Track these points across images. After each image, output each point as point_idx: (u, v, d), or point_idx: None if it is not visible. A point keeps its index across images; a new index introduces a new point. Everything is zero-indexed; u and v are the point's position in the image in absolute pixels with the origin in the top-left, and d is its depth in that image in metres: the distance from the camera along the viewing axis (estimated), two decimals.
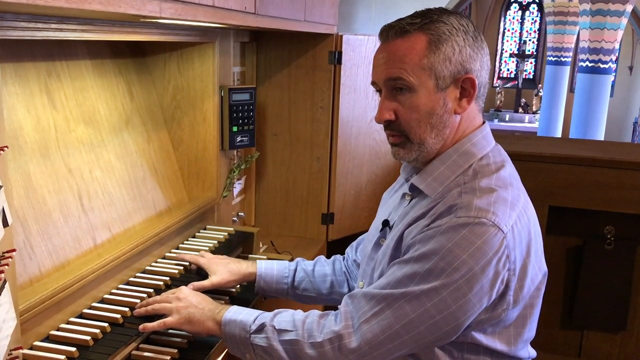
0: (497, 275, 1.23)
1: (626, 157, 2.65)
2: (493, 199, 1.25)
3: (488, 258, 1.20)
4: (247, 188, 2.60)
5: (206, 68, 2.11)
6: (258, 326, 1.38)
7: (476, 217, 1.22)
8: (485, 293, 1.23)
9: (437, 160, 1.36)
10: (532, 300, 1.35)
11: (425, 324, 1.24)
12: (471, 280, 1.21)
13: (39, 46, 1.60)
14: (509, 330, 1.34)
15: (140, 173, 1.96)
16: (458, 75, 1.30)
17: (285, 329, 1.35)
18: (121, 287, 1.68)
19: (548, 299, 2.88)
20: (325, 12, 2.33)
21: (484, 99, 1.39)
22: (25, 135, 1.52)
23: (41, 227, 1.49)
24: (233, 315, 1.42)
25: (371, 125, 2.61)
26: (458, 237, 1.21)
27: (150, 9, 1.23)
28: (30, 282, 1.42)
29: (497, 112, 15.34)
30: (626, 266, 2.74)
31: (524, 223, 1.28)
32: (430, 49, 1.28)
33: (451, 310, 1.22)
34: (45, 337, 1.40)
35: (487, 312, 1.27)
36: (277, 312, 1.41)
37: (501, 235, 1.22)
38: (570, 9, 11.81)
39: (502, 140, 1.54)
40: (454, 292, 1.21)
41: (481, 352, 1.33)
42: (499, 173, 1.32)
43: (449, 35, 1.29)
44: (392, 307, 1.26)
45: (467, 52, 1.30)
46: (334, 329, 1.31)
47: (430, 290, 1.23)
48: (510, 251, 1.23)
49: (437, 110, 1.31)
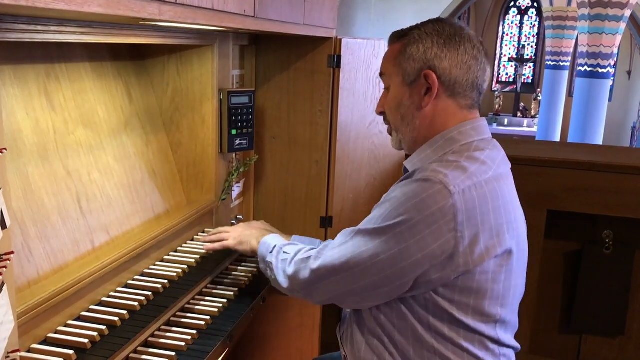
0: (440, 231, 1.33)
1: (625, 161, 2.65)
2: (453, 166, 1.39)
3: (431, 211, 1.32)
4: (246, 191, 2.59)
5: (205, 71, 2.12)
6: (273, 247, 1.71)
7: (428, 176, 1.36)
8: (427, 245, 1.33)
9: (426, 145, 1.51)
10: (495, 276, 1.40)
11: (372, 260, 1.40)
12: (413, 228, 1.33)
13: (38, 48, 1.60)
14: (469, 301, 1.41)
15: (139, 176, 1.96)
16: (421, 72, 1.46)
17: (286, 251, 1.66)
18: (119, 290, 1.68)
19: (546, 304, 2.90)
20: (325, 16, 2.33)
21: (466, 96, 1.48)
22: (24, 137, 1.51)
23: (39, 229, 1.49)
24: (266, 239, 1.78)
25: (370, 129, 2.61)
26: (408, 189, 1.37)
27: (149, 11, 1.23)
28: (28, 284, 1.42)
29: (496, 117, 15.35)
30: (625, 271, 2.74)
31: (482, 193, 1.37)
32: (401, 51, 1.50)
33: (393, 252, 1.36)
34: (43, 340, 1.40)
35: (437, 271, 1.36)
36: (293, 242, 1.77)
37: (447, 193, 1.33)
38: (568, 14, 11.84)
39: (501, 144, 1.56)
40: (397, 235, 1.35)
41: (445, 319, 1.42)
42: (474, 153, 1.44)
43: (418, 39, 1.47)
44: (352, 240, 1.46)
45: (433, 52, 1.45)
46: (311, 253, 1.56)
47: (379, 229, 1.39)
48: (458, 212, 1.33)
49: (404, 101, 1.50)
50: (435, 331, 1.43)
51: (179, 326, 1.62)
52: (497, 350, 1.47)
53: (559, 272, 2.87)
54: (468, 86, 1.47)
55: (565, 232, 2.82)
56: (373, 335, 1.51)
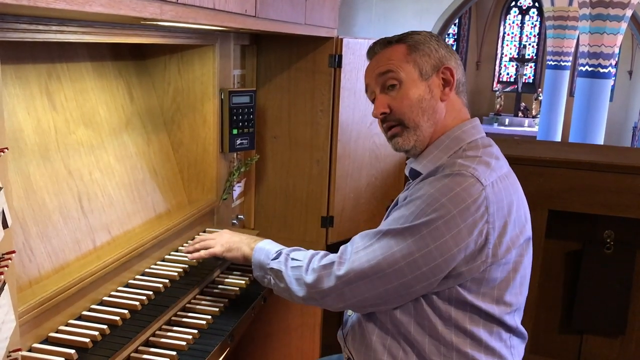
0: (474, 224, 1.34)
1: (626, 161, 2.65)
2: (477, 160, 1.42)
3: (466, 204, 1.33)
4: (247, 191, 2.60)
5: (206, 71, 2.12)
6: (277, 253, 1.64)
7: (458, 170, 1.38)
8: (463, 239, 1.34)
9: (432, 146, 1.52)
10: (516, 266, 1.45)
11: (406, 259, 1.37)
12: (449, 222, 1.33)
13: (39, 48, 1.61)
14: (493, 292, 1.43)
15: (140, 175, 1.96)
16: (438, 67, 1.51)
17: (296, 258, 1.59)
18: (120, 289, 1.68)
19: (547, 303, 2.90)
20: (326, 16, 2.33)
21: (465, 95, 1.58)
22: (25, 137, 1.52)
23: (41, 228, 1.49)
24: (263, 245, 1.70)
25: (371, 129, 2.61)
26: (440, 185, 1.37)
27: (151, 11, 1.24)
28: (30, 283, 1.42)
29: (497, 116, 15.34)
30: (625, 271, 2.73)
31: (505, 185, 1.41)
32: (411, 50, 1.52)
33: (429, 249, 1.35)
34: (44, 339, 1.40)
35: (467, 263, 1.37)
36: (296, 248, 1.67)
37: (480, 186, 1.35)
38: (570, 14, 11.82)
39: (502, 144, 1.59)
40: (433, 231, 1.34)
41: (467, 310, 1.43)
42: (486, 148, 1.49)
43: (424, 41, 1.53)
44: (379, 241, 1.42)
45: (442, 53, 1.53)
46: (332, 258, 1.51)
47: (412, 227, 1.37)
48: (490, 204, 1.35)
49: (425, 95, 1.50)
50: (455, 325, 1.43)
51: (180, 325, 1.62)
52: (509, 342, 1.51)
53: (560, 271, 2.87)
54: (465, 87, 1.59)
55: (566, 232, 2.82)
56: (386, 334, 1.49)
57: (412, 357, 1.46)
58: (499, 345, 1.47)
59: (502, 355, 1.48)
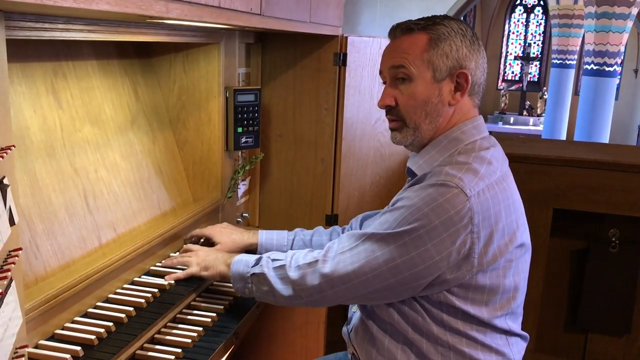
0: (457, 234, 1.34)
1: (631, 160, 2.64)
2: (465, 169, 1.39)
3: (449, 215, 1.33)
4: (252, 189, 2.60)
5: (211, 69, 2.12)
6: (257, 259, 1.62)
7: (443, 180, 1.37)
8: (445, 247, 1.34)
9: (430, 146, 1.51)
10: (505, 272, 1.44)
11: (388, 264, 1.39)
12: (431, 232, 1.34)
13: (45, 46, 1.61)
14: (482, 298, 1.43)
15: (145, 173, 1.97)
16: (453, 70, 1.46)
17: (277, 258, 1.59)
18: (126, 287, 1.68)
19: (552, 302, 2.89)
20: (331, 14, 2.33)
21: (479, 97, 1.54)
22: (31, 134, 1.52)
23: (47, 226, 1.50)
24: (240, 257, 1.67)
25: (376, 127, 2.61)
26: (424, 194, 1.37)
27: (157, 9, 1.24)
28: (36, 281, 1.43)
29: (502, 115, 15.31)
30: (631, 269, 2.73)
31: (493, 194, 1.39)
32: (430, 45, 1.45)
33: (411, 255, 1.36)
34: (50, 336, 1.41)
35: (453, 271, 1.37)
36: (275, 252, 1.67)
37: (464, 197, 1.34)
38: (575, 12, 11.79)
39: (507, 142, 1.58)
40: (415, 239, 1.35)
41: (459, 316, 1.44)
42: (480, 153, 1.45)
43: (448, 35, 1.45)
44: (364, 244, 1.44)
45: (464, 52, 1.46)
46: (316, 256, 1.52)
47: (394, 234, 1.38)
48: (474, 214, 1.35)
49: (432, 99, 1.47)
50: (449, 327, 1.44)
51: (185, 323, 1.62)
52: (507, 339, 1.51)
53: (565, 270, 2.86)
54: (482, 87, 1.54)
55: (571, 231, 2.82)
56: (386, 332, 1.52)
57: (411, 355, 1.48)
58: (496, 342, 1.48)
59: (500, 352, 1.49)
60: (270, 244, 1.94)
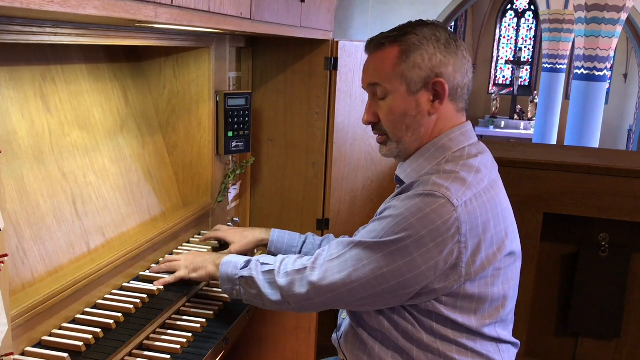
0: (444, 244, 1.33)
1: (621, 164, 2.65)
2: (452, 178, 1.39)
3: (436, 225, 1.33)
4: (243, 193, 2.59)
5: (202, 73, 2.11)
6: (246, 262, 1.62)
7: (430, 190, 1.36)
8: (432, 257, 1.34)
9: (417, 154, 1.51)
10: (494, 280, 1.43)
11: (375, 273, 1.38)
12: (418, 242, 1.34)
13: (33, 50, 1.60)
14: (471, 306, 1.43)
15: (135, 178, 1.95)
16: (428, 80, 1.43)
17: (266, 262, 1.59)
18: (114, 292, 1.67)
19: (542, 306, 2.90)
20: (322, 18, 2.33)
21: (463, 99, 1.50)
22: (19, 139, 1.51)
23: (34, 231, 1.49)
24: (230, 258, 1.67)
25: (367, 132, 2.61)
26: (411, 204, 1.36)
27: (145, 14, 1.23)
28: (23, 287, 1.41)
29: (493, 119, 15.38)
30: (620, 273, 2.74)
31: (481, 203, 1.38)
32: (401, 59, 1.43)
33: (398, 265, 1.36)
34: (37, 343, 1.39)
35: (440, 281, 1.37)
36: (265, 255, 1.68)
37: (451, 208, 1.33)
38: (565, 17, 11.87)
39: (497, 146, 1.58)
40: (402, 249, 1.35)
41: (449, 325, 1.43)
42: (468, 160, 1.44)
43: (420, 45, 1.43)
44: (351, 252, 1.44)
45: (437, 59, 1.43)
46: (305, 263, 1.52)
47: (381, 243, 1.38)
48: (462, 224, 1.34)
49: (410, 112, 1.46)
50: (439, 335, 1.44)
51: (175, 329, 1.61)
52: (498, 346, 1.51)
53: (555, 274, 2.87)
54: (465, 90, 1.49)
55: (561, 235, 2.83)
56: (376, 340, 1.51)
57: None
58: (487, 349, 1.48)
59: (491, 359, 1.48)
60: (282, 243, 1.96)
